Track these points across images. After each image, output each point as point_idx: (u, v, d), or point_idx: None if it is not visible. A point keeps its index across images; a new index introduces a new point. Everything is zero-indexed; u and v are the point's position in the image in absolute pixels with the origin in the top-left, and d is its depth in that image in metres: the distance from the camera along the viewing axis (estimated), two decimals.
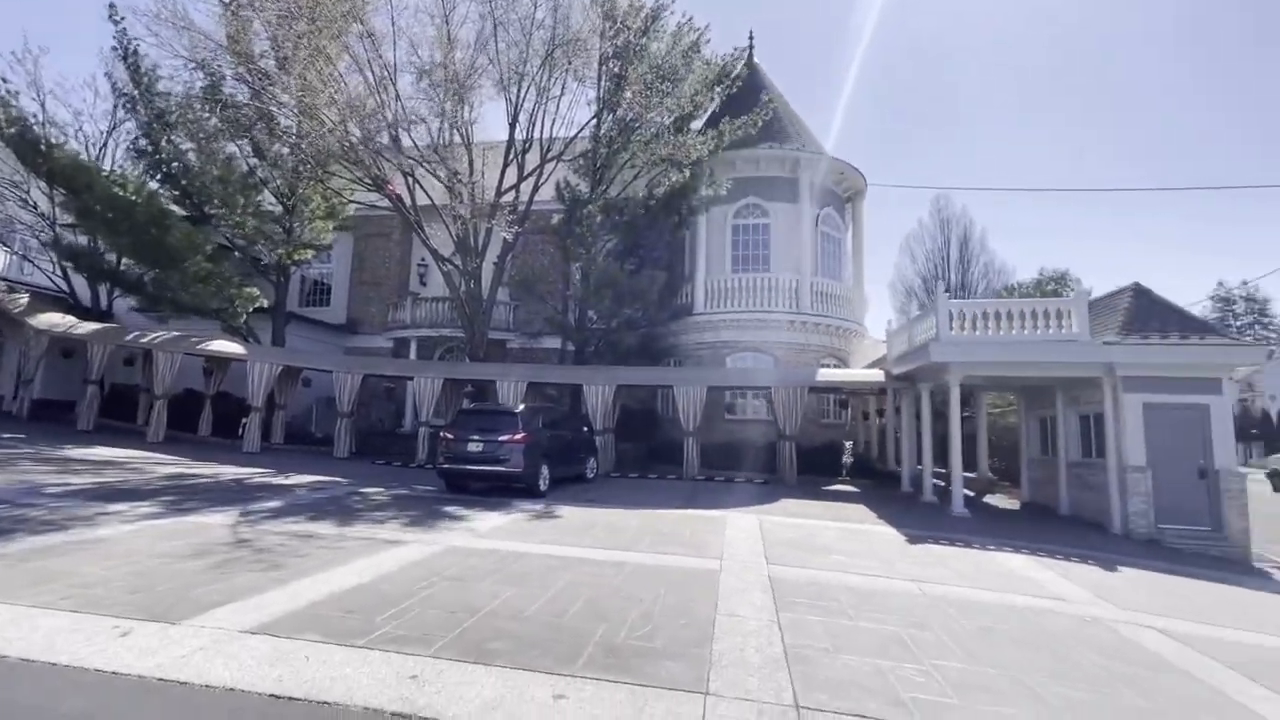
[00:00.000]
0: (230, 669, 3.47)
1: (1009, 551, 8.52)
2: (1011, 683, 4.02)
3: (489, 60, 16.42)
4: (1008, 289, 26.43)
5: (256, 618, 4.30)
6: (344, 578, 5.44)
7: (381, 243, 24.39)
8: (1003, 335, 11.46)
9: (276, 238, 18.90)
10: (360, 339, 23.97)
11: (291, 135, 17.89)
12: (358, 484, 11.94)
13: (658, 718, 3.20)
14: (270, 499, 9.59)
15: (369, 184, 17.15)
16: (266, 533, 7.14)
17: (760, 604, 5.33)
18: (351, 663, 3.64)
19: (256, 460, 14.65)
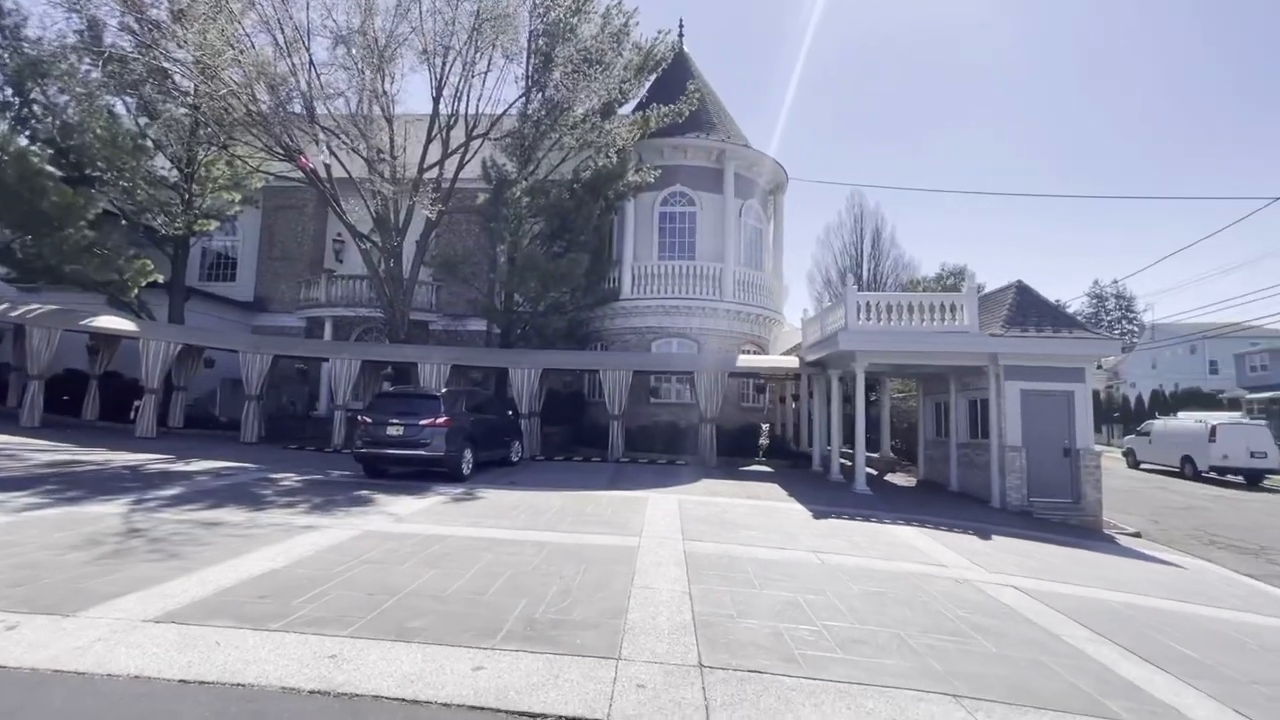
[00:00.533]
0: (134, 657, 3.41)
1: (901, 524, 9.35)
2: (890, 637, 4.53)
3: (411, 29, 15.79)
4: (914, 282, 28.29)
5: (161, 606, 4.19)
6: (256, 564, 5.33)
7: (294, 216, 23.04)
8: (903, 326, 12.39)
9: (174, 207, 17.50)
10: (270, 317, 22.65)
11: (189, 96, 16.55)
12: (267, 469, 11.46)
13: (573, 681, 3.43)
14: (170, 486, 9.08)
15: (280, 154, 16.16)
16: (168, 521, 6.82)
17: (674, 577, 5.67)
18: (267, 646, 3.64)
19: (152, 446, 13.70)
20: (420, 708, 3.05)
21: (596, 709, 3.14)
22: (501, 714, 3.05)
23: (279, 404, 20.36)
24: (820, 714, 3.28)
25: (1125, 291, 72.11)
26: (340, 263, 22.92)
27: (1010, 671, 4.09)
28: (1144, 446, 23.69)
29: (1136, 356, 52.89)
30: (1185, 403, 33.60)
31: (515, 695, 3.22)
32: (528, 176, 17.12)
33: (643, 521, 8.16)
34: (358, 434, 11.53)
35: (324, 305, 20.59)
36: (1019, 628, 5.07)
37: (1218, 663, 4.75)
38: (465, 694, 3.20)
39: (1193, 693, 4.08)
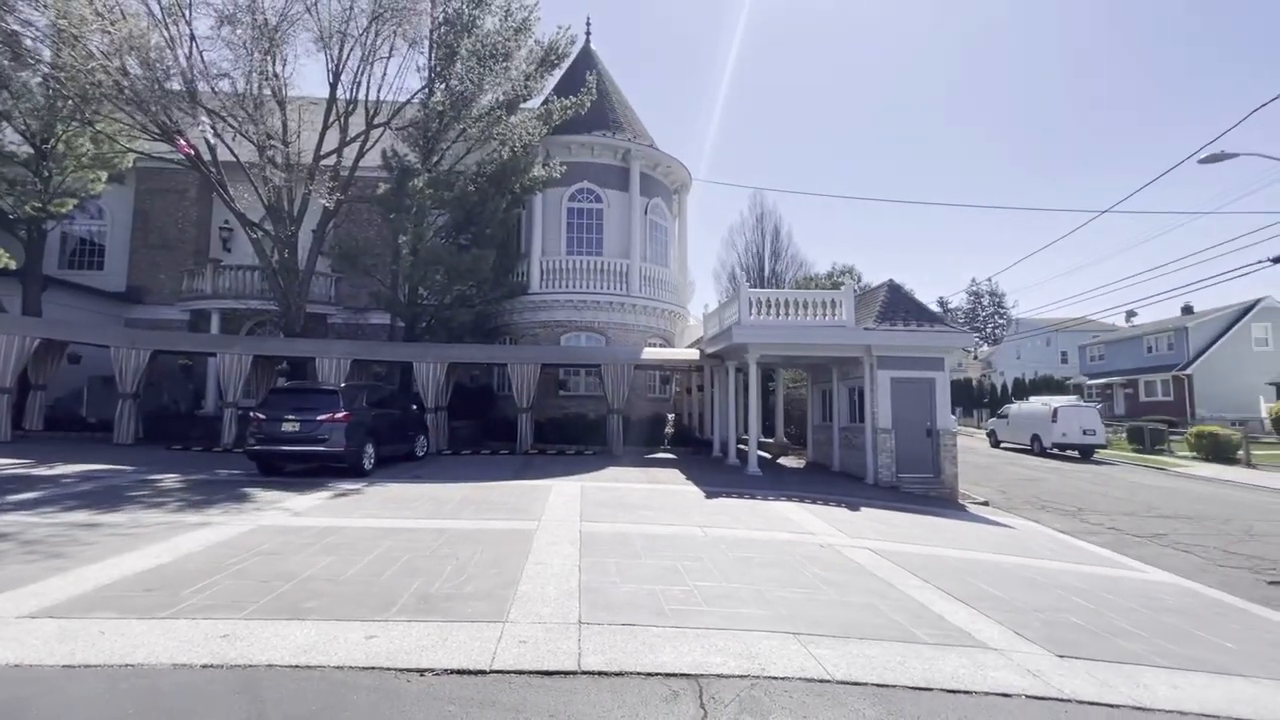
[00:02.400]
0: (11, 649, 3.43)
1: (784, 501, 10.29)
2: (752, 594, 5.21)
3: (305, 9, 15.15)
4: (808, 279, 30.20)
5: (36, 604, 4.14)
6: (139, 561, 5.27)
7: (173, 200, 21.36)
8: (790, 320, 13.46)
9: (26, 186, 15.85)
10: (146, 309, 20.93)
11: (44, 64, 15.05)
12: (146, 471, 10.84)
13: (460, 642, 3.80)
14: (29, 491, 8.49)
15: (155, 133, 15.05)
16: (32, 524, 6.47)
17: (567, 553, 6.12)
18: (155, 631, 3.75)
19: (7, 450, 12.54)
20: (314, 671, 3.33)
21: (480, 661, 3.54)
22: (391, 671, 3.39)
23: (160, 403, 18.94)
24: (677, 653, 3.84)
25: (997, 289, 79.95)
26: (228, 252, 21.53)
27: (845, 614, 4.86)
28: (1003, 427, 26.68)
29: (1005, 347, 58.94)
30: (1040, 389, 37.93)
31: (405, 656, 3.56)
32: (431, 168, 16.89)
33: (544, 507, 8.55)
34: (250, 431, 11.12)
35: (210, 297, 19.33)
36: (862, 580, 5.92)
37: (1013, 598, 5.79)
38: (358, 657, 3.50)
39: (985, 621, 5.01)
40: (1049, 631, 4.82)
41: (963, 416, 41.90)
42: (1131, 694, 3.76)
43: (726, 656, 3.84)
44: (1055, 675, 3.92)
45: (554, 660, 3.62)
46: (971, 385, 47.87)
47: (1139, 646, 4.66)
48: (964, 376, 50.39)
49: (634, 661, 3.68)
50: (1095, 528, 10.96)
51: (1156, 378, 36.64)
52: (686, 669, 3.62)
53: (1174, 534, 10.50)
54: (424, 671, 3.40)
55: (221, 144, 15.95)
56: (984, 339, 73.08)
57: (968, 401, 43.83)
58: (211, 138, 15.90)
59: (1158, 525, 11.22)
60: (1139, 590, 6.76)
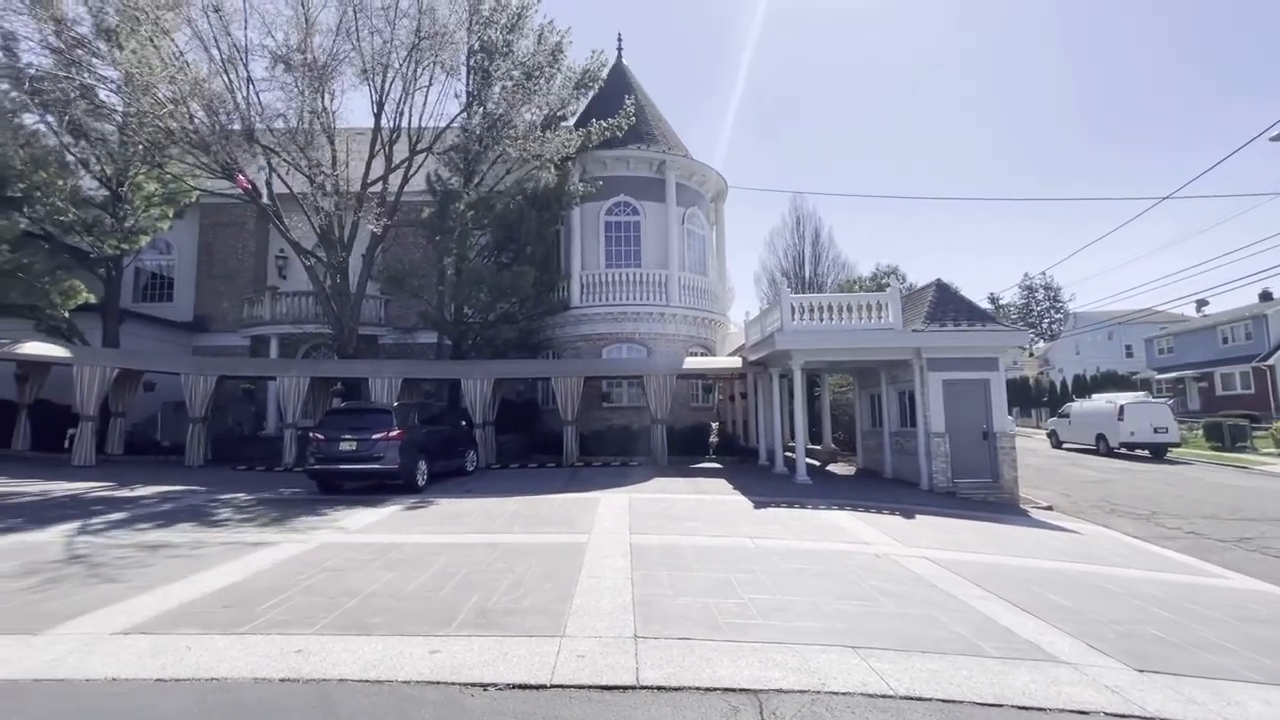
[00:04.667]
0: (109, 664, 3.68)
1: (835, 509, 10.09)
2: (807, 606, 5.14)
3: (351, 47, 15.88)
4: (851, 282, 29.65)
5: (127, 620, 4.42)
6: (216, 579, 5.56)
7: (233, 233, 22.56)
8: (834, 325, 13.25)
9: (104, 226, 17.00)
10: (211, 337, 22.10)
11: (118, 114, 16.18)
12: (217, 491, 11.41)
13: (520, 657, 3.88)
14: (115, 512, 9.04)
15: (217, 171, 15.96)
16: (119, 544, 6.90)
17: (619, 566, 6.16)
18: (235, 646, 3.96)
19: (92, 474, 13.37)
20: (383, 685, 3.45)
21: (540, 676, 3.60)
22: (455, 686, 3.48)
23: (225, 425, 19.91)
24: (735, 668, 3.82)
25: (1052, 282, 76.58)
26: (284, 279, 22.56)
27: (905, 626, 4.73)
28: (1064, 427, 25.50)
29: (1063, 343, 56.42)
30: (1103, 385, 36.13)
31: (468, 671, 3.65)
32: (472, 189, 17.37)
33: (593, 520, 8.62)
34: (310, 451, 11.59)
35: (269, 323, 20.27)
36: (922, 591, 5.76)
37: (1084, 608, 5.54)
38: (423, 672, 3.61)
39: (1056, 633, 4.81)
40: (1126, 644, 4.59)
41: (1020, 417, 40.28)
42: (1221, 711, 3.55)
43: (785, 671, 3.80)
44: (1135, 691, 3.73)
45: (612, 675, 3.65)
46: (1028, 384, 45.89)
47: (1228, 660, 4.39)
48: (1019, 375, 48.39)
49: (692, 676, 3.68)
50: (1172, 532, 10.36)
51: (1234, 370, 34.42)
52: (745, 684, 3.60)
53: (1262, 538, 9.83)
54: (486, 686, 3.48)
55: (276, 178, 16.79)
56: (1039, 335, 70.15)
57: (1025, 401, 42.11)
58: (267, 172, 16.77)
59: (1243, 528, 10.53)
60: (1225, 599, 6.36)
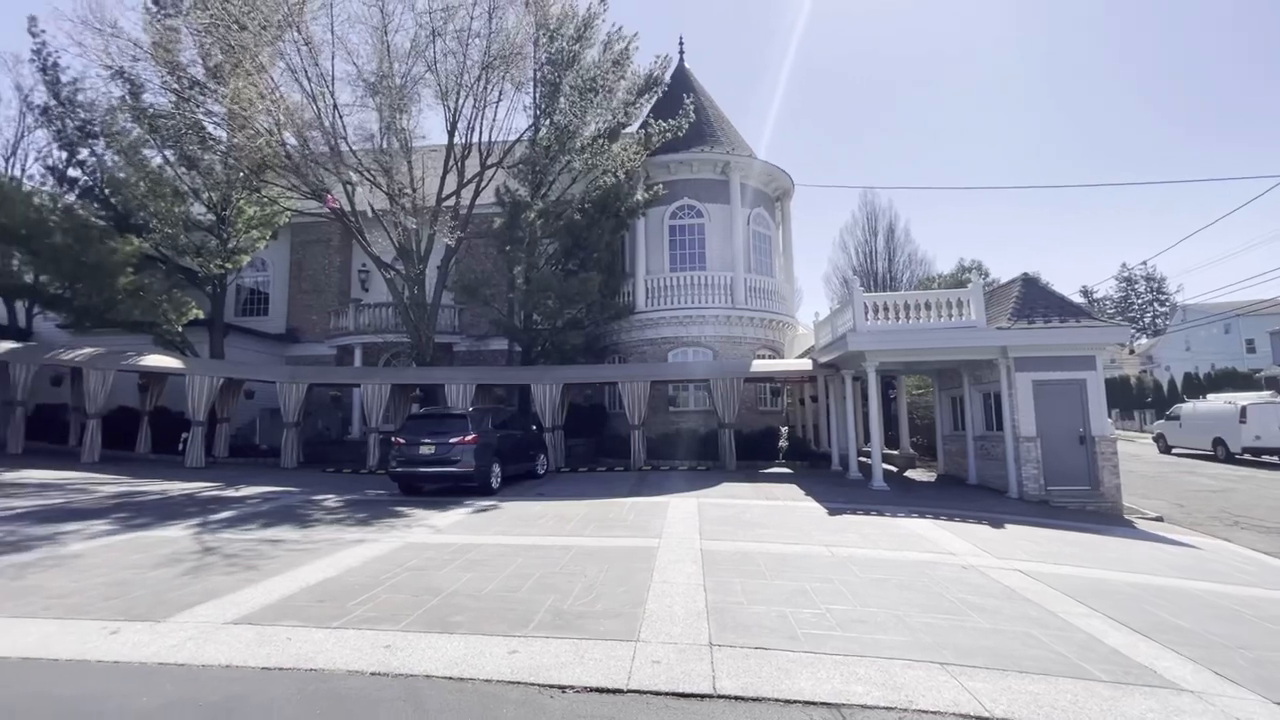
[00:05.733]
0: (222, 651, 3.98)
1: (914, 517, 9.64)
2: (889, 617, 4.92)
3: (427, 68, 16.66)
4: (930, 279, 28.34)
5: (236, 611, 4.77)
6: (311, 574, 5.92)
7: (320, 249, 24.10)
8: (911, 324, 12.69)
9: (211, 248, 18.55)
10: (302, 347, 23.65)
11: (222, 145, 17.64)
12: (310, 492, 12.16)
13: (596, 659, 3.91)
14: (224, 511, 9.79)
15: (306, 192, 17.10)
16: (228, 540, 7.47)
17: (690, 572, 6.11)
18: (330, 640, 4.19)
19: (202, 475, 14.55)
20: (466, 683, 3.56)
21: (617, 680, 3.62)
22: (535, 686, 3.55)
23: (315, 430, 21.24)
24: (815, 680, 3.70)
25: (1155, 273, 70.58)
26: (366, 291, 23.87)
27: (998, 643, 4.45)
28: (1174, 431, 23.35)
29: (1170, 339, 51.75)
30: (1220, 384, 32.85)
31: (546, 672, 3.72)
32: (540, 200, 17.82)
33: (663, 524, 8.61)
34: (392, 454, 12.18)
35: (353, 333, 21.49)
36: (1015, 605, 5.40)
37: (1207, 631, 5.03)
38: (504, 671, 3.71)
39: (1174, 657, 4.39)
40: (1259, 672, 4.13)
41: (1120, 419, 37.28)
42: None
43: (869, 686, 3.65)
44: None
45: (688, 682, 3.62)
46: (1129, 384, 42.31)
47: None
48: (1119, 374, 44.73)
49: (770, 687, 3.59)
50: None
51: None
52: (826, 697, 3.48)
53: None
54: (565, 688, 3.53)
55: (360, 196, 17.82)
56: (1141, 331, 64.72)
57: (1126, 402, 38.90)
58: (351, 191, 17.82)
59: None
60: None
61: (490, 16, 16.47)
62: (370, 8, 16.00)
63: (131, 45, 15.81)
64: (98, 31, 14.95)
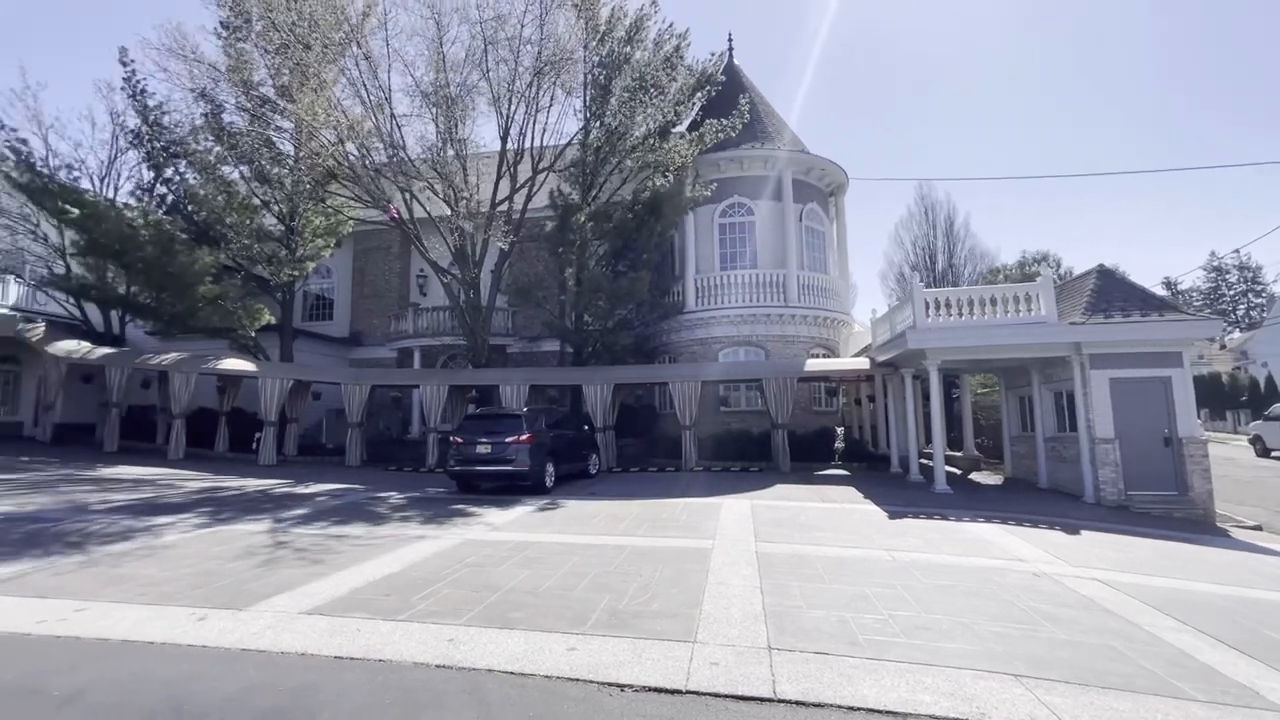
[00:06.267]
0: (298, 640, 4.18)
1: (981, 522, 9.23)
2: (955, 625, 4.72)
3: (480, 77, 17.09)
4: (993, 272, 27.10)
5: (309, 603, 5.01)
6: (376, 569, 6.15)
7: (381, 256, 25.08)
8: (975, 320, 12.16)
9: (281, 257, 19.55)
10: (364, 350, 24.66)
11: (290, 159, 18.58)
12: (373, 489, 12.64)
13: (654, 659, 3.90)
14: (296, 507, 10.29)
15: (368, 201, 17.81)
16: (300, 535, 7.85)
17: (746, 574, 6.04)
18: (397, 632, 4.34)
19: (274, 473, 15.36)
20: (527, 679, 3.62)
21: (675, 681, 3.60)
22: (594, 684, 3.57)
23: (377, 430, 22.10)
24: (879, 688, 3.58)
25: (1249, 262, 65.24)
26: (424, 296, 24.67)
27: (1077, 655, 4.20)
28: (1273, 432, 21.57)
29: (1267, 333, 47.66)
30: None
31: (604, 670, 3.74)
32: (591, 202, 18.00)
33: (716, 525, 8.54)
34: (450, 453, 12.54)
35: (412, 336, 22.25)
36: (1095, 617, 5.09)
37: None
38: (563, 668, 3.75)
39: (1278, 677, 4.04)
40: None
41: (1210, 420, 34.68)
42: None
43: (937, 696, 3.51)
44: None
45: (747, 685, 3.57)
46: (1220, 381, 39.20)
47: None
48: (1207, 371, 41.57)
49: (832, 693, 3.50)
50: None
51: None
52: (892, 706, 3.37)
53: None
54: (624, 687, 3.54)
55: (417, 204, 18.43)
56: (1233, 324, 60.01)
57: (1217, 402, 36.11)
58: (408, 199, 18.47)
59: None
60: None
61: (541, 23, 16.75)
62: (426, 20, 16.58)
63: (210, 69, 16.89)
64: (180, 58, 16.01)
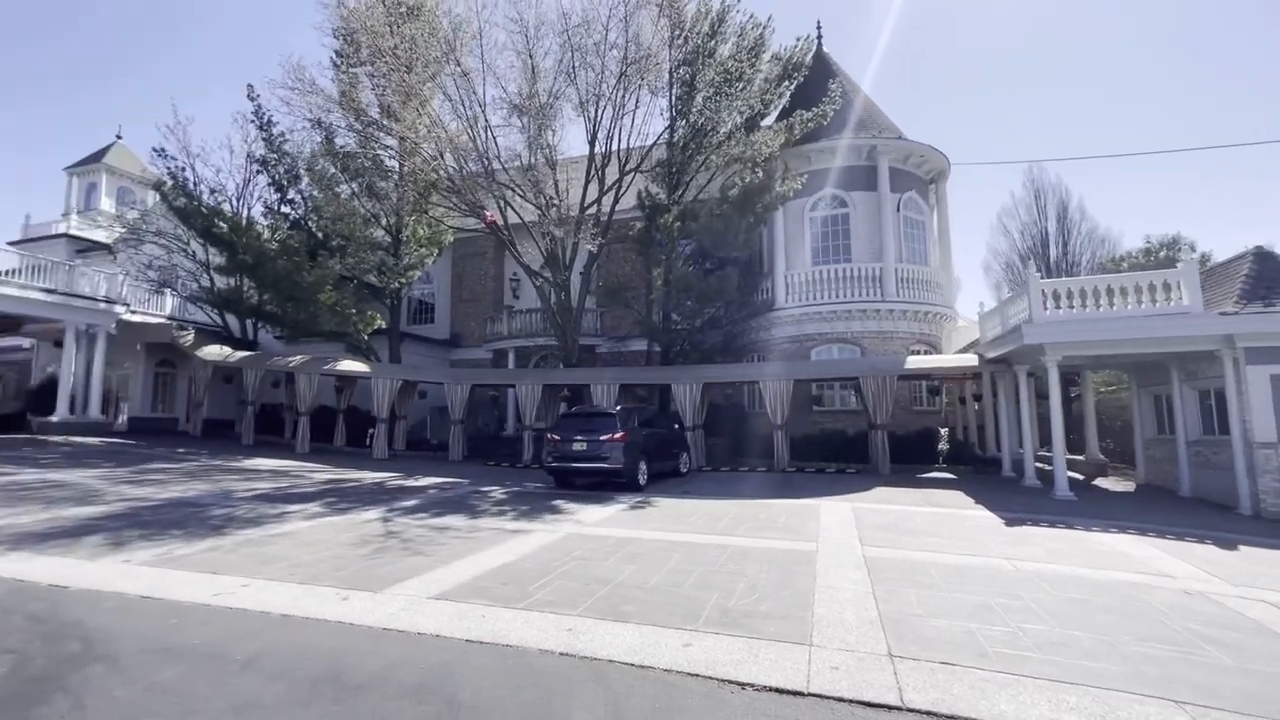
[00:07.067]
0: (430, 622, 4.48)
1: (1115, 532, 8.46)
2: (1096, 643, 4.36)
3: (568, 84, 17.58)
4: (1115, 260, 24.67)
5: (436, 588, 5.35)
6: (491, 559, 6.47)
7: (477, 261, 26.35)
8: (1102, 312, 11.14)
9: (389, 266, 20.97)
10: (462, 351, 25.99)
11: (395, 174, 19.90)
12: (476, 484, 13.30)
13: (770, 660, 3.88)
14: (408, 499, 11.01)
15: (466, 210, 18.75)
16: (415, 525, 8.39)
17: (856, 579, 5.86)
18: (518, 620, 4.56)
19: (386, 466, 16.49)
20: (647, 671, 3.70)
21: (796, 683, 3.56)
22: (713, 680, 3.60)
23: (476, 426, 23.25)
24: (1017, 704, 3.38)
25: None
26: (517, 298, 25.69)
27: (1249, 683, 3.77)
28: None
29: None
30: None
31: (722, 667, 3.75)
32: (678, 201, 18.05)
33: (818, 528, 8.34)
34: (547, 450, 12.98)
35: (506, 338, 23.22)
36: (1268, 643, 4.54)
37: None
38: (681, 663, 3.80)
39: None
40: None
41: None
42: None
43: (1085, 717, 3.26)
44: None
45: (872, 692, 3.47)
46: None
47: None
48: None
49: (966, 706, 3.34)
50: None
51: None
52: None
53: None
54: (744, 685, 3.54)
55: (510, 210, 19.22)
56: None
57: None
58: (502, 206, 19.28)
59: None
60: None
61: (626, 25, 16.97)
62: (515, 35, 17.23)
63: (325, 99, 18.40)
64: (300, 92, 17.57)
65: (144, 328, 22.44)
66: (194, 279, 23.60)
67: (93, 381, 20.42)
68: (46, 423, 19.53)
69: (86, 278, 20.45)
